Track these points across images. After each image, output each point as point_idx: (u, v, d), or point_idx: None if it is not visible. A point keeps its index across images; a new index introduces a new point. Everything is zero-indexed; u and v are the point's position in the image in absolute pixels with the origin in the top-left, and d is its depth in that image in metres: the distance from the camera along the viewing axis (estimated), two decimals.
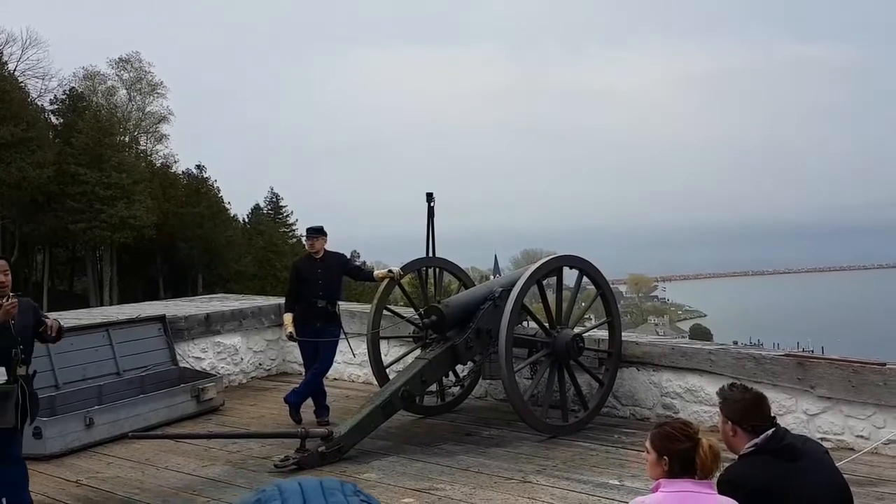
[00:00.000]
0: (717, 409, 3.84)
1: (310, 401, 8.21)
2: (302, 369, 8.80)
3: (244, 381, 10.23)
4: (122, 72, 64.80)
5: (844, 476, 3.78)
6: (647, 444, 3.37)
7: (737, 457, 3.66)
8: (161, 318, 9.30)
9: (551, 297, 7.80)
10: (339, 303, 8.45)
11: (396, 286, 8.50)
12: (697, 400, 7.58)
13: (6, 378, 5.29)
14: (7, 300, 5.31)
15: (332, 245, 8.36)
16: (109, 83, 64.24)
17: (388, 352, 9.03)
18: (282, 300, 9.48)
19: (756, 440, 3.60)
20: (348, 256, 8.93)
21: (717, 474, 3.33)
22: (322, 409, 8.21)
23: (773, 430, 3.64)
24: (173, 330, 9.35)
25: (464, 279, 9.11)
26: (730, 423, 3.66)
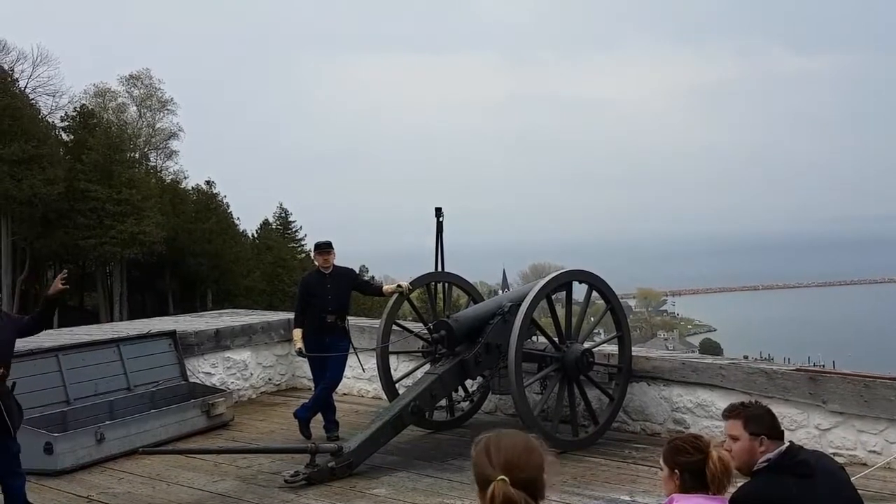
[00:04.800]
0: (728, 433, 3.75)
1: (319, 416, 8.21)
2: (311, 384, 8.81)
3: (254, 396, 10.24)
4: (132, 88, 65.35)
5: (858, 491, 3.75)
6: (661, 459, 3.37)
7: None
8: (171, 334, 9.33)
9: (561, 311, 7.80)
10: (349, 317, 8.46)
11: (405, 301, 8.51)
12: (708, 415, 7.54)
13: None
14: None
15: (339, 260, 8.38)
16: (120, 100, 64.77)
17: (398, 367, 9.03)
18: (291, 315, 9.49)
19: (769, 455, 3.58)
20: (357, 271, 8.94)
21: (731, 490, 3.32)
22: (331, 425, 8.20)
23: (786, 446, 3.62)
24: (183, 345, 9.38)
25: (473, 294, 9.11)
26: (760, 437, 3.60)
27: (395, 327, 8.47)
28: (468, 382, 8.25)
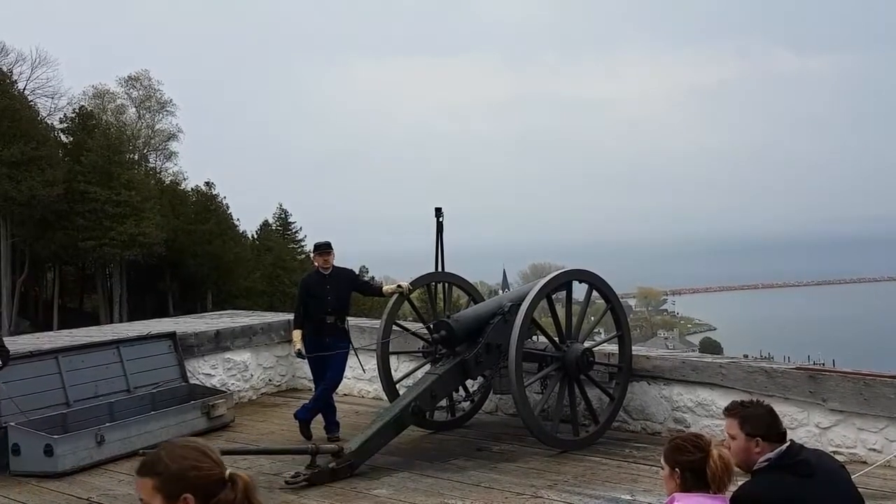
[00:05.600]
0: (726, 431, 3.75)
1: (320, 417, 8.21)
2: (311, 385, 8.81)
3: (254, 397, 10.23)
4: (131, 90, 65.45)
5: (858, 490, 3.76)
6: (662, 458, 3.37)
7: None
8: (171, 335, 9.32)
9: (561, 311, 7.80)
10: (348, 318, 8.46)
11: (406, 301, 8.50)
12: (709, 414, 7.54)
13: None
14: None
15: (339, 261, 8.38)
16: (119, 101, 64.86)
17: (398, 367, 9.03)
18: (291, 316, 9.49)
19: (769, 455, 3.58)
20: (357, 272, 8.93)
21: (731, 489, 3.32)
22: (332, 425, 8.20)
23: (787, 445, 3.62)
24: (183, 347, 9.37)
25: (473, 294, 9.11)
26: (756, 438, 3.61)
27: (395, 327, 8.47)
28: (469, 382, 8.24)
